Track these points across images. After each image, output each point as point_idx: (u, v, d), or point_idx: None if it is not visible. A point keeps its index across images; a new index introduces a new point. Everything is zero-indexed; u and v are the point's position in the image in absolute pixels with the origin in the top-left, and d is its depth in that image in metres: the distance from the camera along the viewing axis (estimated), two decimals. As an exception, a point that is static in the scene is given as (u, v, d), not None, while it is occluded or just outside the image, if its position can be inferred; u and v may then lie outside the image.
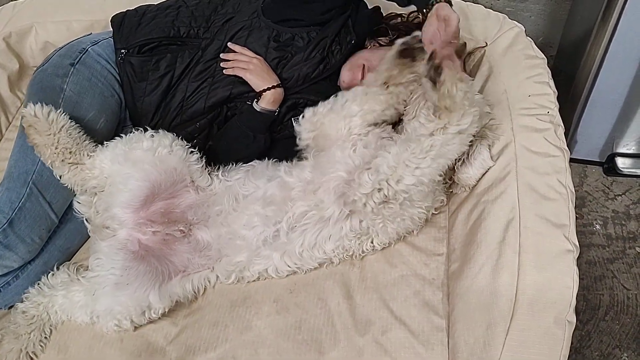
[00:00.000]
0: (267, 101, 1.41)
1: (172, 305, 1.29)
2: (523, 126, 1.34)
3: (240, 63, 1.43)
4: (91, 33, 1.64)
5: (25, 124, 1.29)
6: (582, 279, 1.70)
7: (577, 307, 1.12)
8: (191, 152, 1.37)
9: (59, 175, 1.32)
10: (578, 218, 1.89)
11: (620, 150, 1.98)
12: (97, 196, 1.34)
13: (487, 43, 1.56)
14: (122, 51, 1.48)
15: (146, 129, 1.36)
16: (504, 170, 1.29)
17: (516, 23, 1.58)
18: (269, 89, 1.41)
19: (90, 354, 1.26)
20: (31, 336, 1.26)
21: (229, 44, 1.46)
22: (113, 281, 1.23)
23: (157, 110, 1.48)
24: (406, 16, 1.55)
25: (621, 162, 1.98)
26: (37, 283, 1.32)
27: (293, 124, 1.46)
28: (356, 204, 1.22)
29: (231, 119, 1.48)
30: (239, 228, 1.30)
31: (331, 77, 1.50)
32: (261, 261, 1.30)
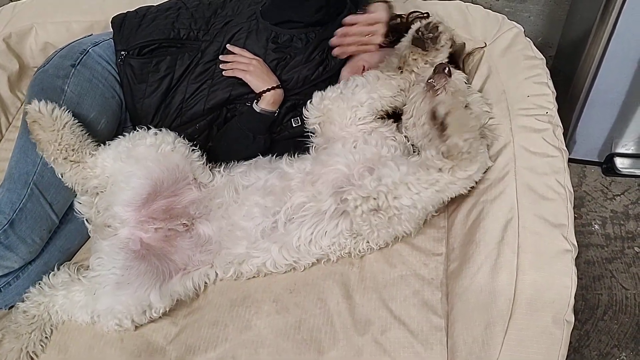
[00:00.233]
0: (267, 102, 1.42)
1: (173, 304, 1.30)
2: (522, 126, 1.34)
3: (239, 64, 1.43)
4: (92, 34, 1.64)
5: (29, 120, 1.29)
6: (581, 279, 1.69)
7: (576, 307, 1.12)
8: (193, 150, 1.37)
9: (61, 173, 1.32)
10: (577, 218, 1.89)
11: (619, 150, 1.98)
12: (99, 196, 1.35)
13: (486, 43, 1.56)
14: (122, 53, 1.49)
15: (149, 127, 1.37)
16: (503, 170, 1.29)
17: (515, 23, 1.58)
18: (269, 90, 1.41)
19: (90, 354, 1.26)
20: (32, 336, 1.26)
21: (228, 46, 1.46)
22: (114, 280, 1.24)
23: (157, 112, 1.49)
24: (406, 17, 1.55)
25: (620, 162, 1.98)
26: (38, 283, 1.33)
27: (293, 125, 1.47)
28: (348, 204, 1.22)
29: (231, 120, 1.48)
30: (239, 219, 1.30)
31: (331, 79, 1.50)
32: (260, 254, 1.30)
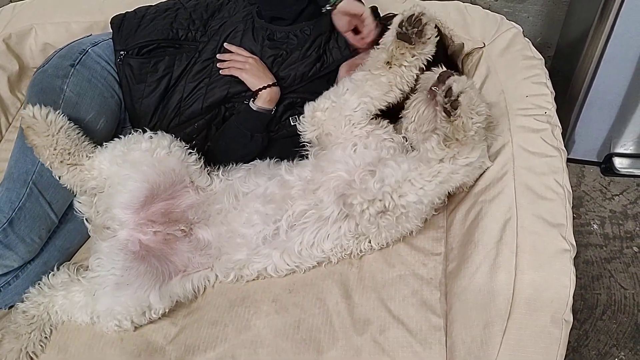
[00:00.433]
0: (264, 100, 1.42)
1: (173, 305, 1.30)
2: (520, 126, 1.35)
3: (236, 63, 1.44)
4: (91, 34, 1.64)
5: (24, 125, 1.29)
6: (580, 279, 1.70)
7: (575, 307, 1.12)
8: (189, 153, 1.37)
9: (58, 176, 1.32)
10: (575, 218, 1.89)
11: (617, 150, 1.99)
12: (97, 197, 1.35)
13: (485, 44, 1.56)
14: (121, 53, 1.49)
15: (145, 130, 1.36)
16: (502, 170, 1.29)
17: (514, 24, 1.59)
18: (265, 88, 1.41)
19: (90, 354, 1.26)
20: (31, 336, 1.26)
21: (225, 44, 1.47)
22: (113, 281, 1.24)
23: (156, 112, 1.49)
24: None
25: (619, 162, 1.99)
26: (38, 283, 1.33)
27: (291, 124, 1.47)
28: (354, 208, 1.23)
29: (229, 119, 1.49)
30: (239, 226, 1.30)
31: (329, 76, 1.50)
32: (261, 260, 1.30)
